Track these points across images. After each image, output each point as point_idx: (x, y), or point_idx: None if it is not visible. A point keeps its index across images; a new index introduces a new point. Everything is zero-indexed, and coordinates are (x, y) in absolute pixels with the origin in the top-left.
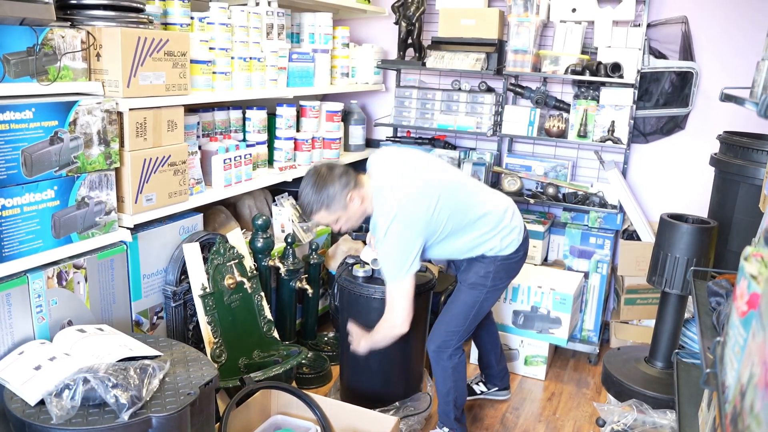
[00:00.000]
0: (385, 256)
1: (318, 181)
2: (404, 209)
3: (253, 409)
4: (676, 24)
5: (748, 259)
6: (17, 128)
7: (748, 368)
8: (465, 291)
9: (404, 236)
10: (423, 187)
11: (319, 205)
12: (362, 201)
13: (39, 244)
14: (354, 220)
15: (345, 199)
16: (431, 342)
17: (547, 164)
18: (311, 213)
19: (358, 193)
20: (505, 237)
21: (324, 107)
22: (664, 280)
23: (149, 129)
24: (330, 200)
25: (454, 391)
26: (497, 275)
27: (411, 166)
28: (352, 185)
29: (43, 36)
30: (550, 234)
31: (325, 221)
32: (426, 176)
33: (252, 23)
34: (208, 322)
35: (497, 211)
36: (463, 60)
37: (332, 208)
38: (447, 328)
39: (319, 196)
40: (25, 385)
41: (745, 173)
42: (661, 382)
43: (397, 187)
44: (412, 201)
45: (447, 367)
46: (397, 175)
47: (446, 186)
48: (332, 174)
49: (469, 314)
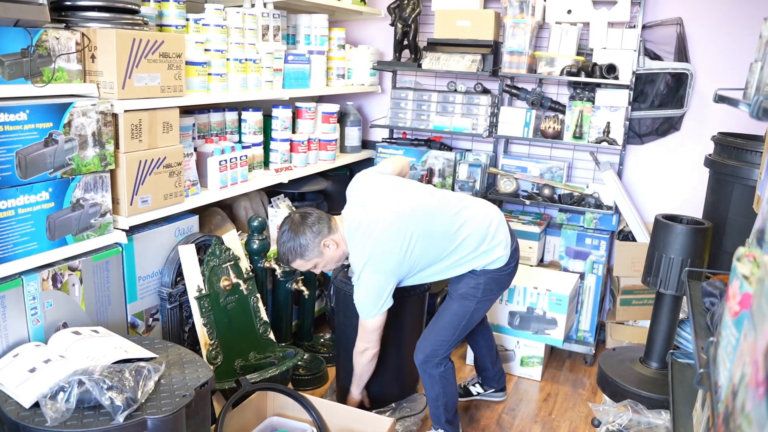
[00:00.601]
0: (359, 297)
1: (291, 230)
2: (376, 252)
3: (249, 410)
4: (671, 25)
5: (740, 259)
6: (11, 130)
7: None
8: (455, 301)
9: (376, 280)
10: (396, 224)
11: (294, 255)
12: (337, 245)
13: (34, 246)
14: (332, 263)
15: (319, 246)
16: (419, 351)
17: (542, 165)
18: (288, 262)
19: (332, 238)
20: (489, 254)
21: (320, 109)
22: (659, 281)
23: (144, 130)
24: (303, 249)
25: (442, 396)
26: (488, 287)
27: (385, 200)
28: (326, 232)
29: (37, 37)
30: (545, 235)
31: (304, 268)
32: (400, 210)
33: (247, 25)
34: (204, 324)
35: (479, 230)
36: (459, 61)
37: (307, 256)
38: (436, 338)
39: (293, 246)
40: (19, 388)
41: (739, 174)
42: (656, 383)
43: (369, 228)
44: (384, 242)
45: (434, 375)
46: (370, 212)
47: (422, 216)
48: (304, 224)
49: (459, 325)
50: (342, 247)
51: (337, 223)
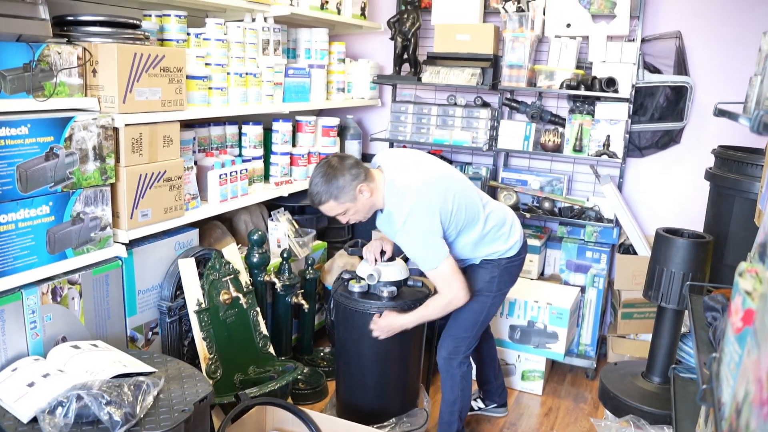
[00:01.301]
0: (414, 247)
1: (328, 172)
2: (419, 198)
3: (248, 425)
4: (670, 39)
5: (742, 274)
6: (13, 144)
7: (744, 386)
8: (472, 298)
9: (423, 222)
10: (435, 178)
11: (327, 195)
12: (372, 194)
13: (34, 259)
14: (362, 212)
15: (354, 190)
16: (441, 349)
17: (542, 178)
18: (320, 203)
19: (368, 186)
20: (508, 238)
21: (320, 122)
22: (660, 295)
23: (145, 144)
24: (339, 191)
25: (460, 401)
26: (501, 280)
27: (421, 163)
28: (362, 177)
29: (39, 52)
30: (546, 248)
31: (333, 212)
32: (438, 172)
33: (248, 39)
34: (204, 338)
35: (500, 214)
36: (459, 75)
37: (341, 199)
38: (457, 335)
39: (328, 187)
40: (17, 402)
41: (740, 187)
42: (659, 398)
43: (410, 179)
44: (426, 190)
45: (456, 375)
46: (409, 169)
47: (456, 181)
48: (343, 165)
49: (477, 321)
50: (375, 197)
51: (374, 174)
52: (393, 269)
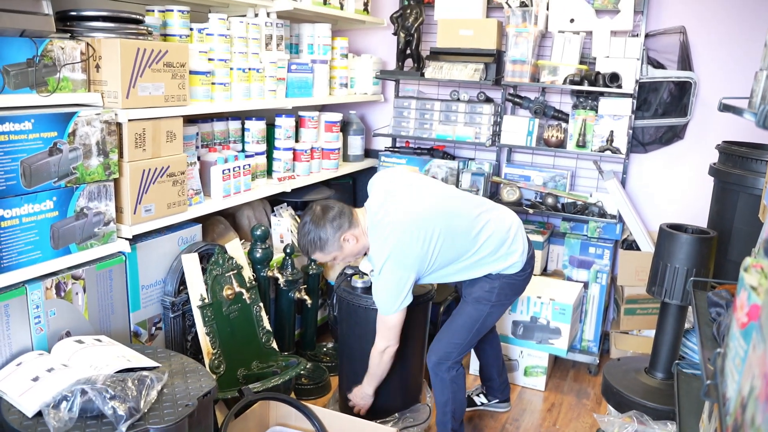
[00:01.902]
0: (379, 292)
1: (311, 226)
2: (398, 247)
3: (251, 420)
4: (674, 34)
5: (747, 270)
6: (16, 139)
7: (749, 381)
8: (469, 305)
9: (397, 275)
10: (419, 220)
11: (314, 248)
12: (357, 240)
13: (38, 254)
14: (351, 257)
15: (339, 240)
16: (432, 354)
17: (546, 174)
18: (307, 254)
19: (353, 233)
20: (506, 258)
21: (323, 118)
22: (664, 291)
23: (148, 140)
24: (323, 243)
25: (452, 403)
26: (502, 291)
27: (409, 196)
28: (346, 227)
29: (42, 47)
30: (549, 244)
31: (323, 260)
32: (424, 206)
33: (251, 34)
34: (207, 333)
35: (499, 234)
36: (462, 70)
37: (327, 250)
38: (449, 341)
39: (312, 241)
40: (22, 397)
41: (744, 183)
42: (662, 393)
43: (392, 223)
44: (406, 238)
45: (445, 379)
46: (394, 207)
47: (444, 216)
48: (326, 217)
49: (472, 328)
50: (362, 241)
51: (359, 217)
52: None
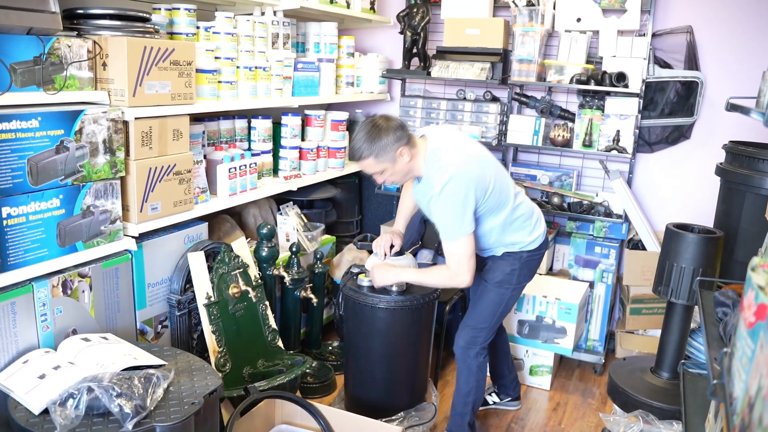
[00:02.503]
0: (443, 213)
1: (372, 130)
2: (460, 169)
3: (257, 418)
4: (681, 33)
5: (755, 269)
6: (23, 137)
7: (757, 380)
8: (492, 289)
9: (460, 193)
10: (477, 156)
11: (369, 152)
12: (411, 158)
13: (44, 252)
14: (399, 175)
15: (395, 152)
16: (459, 338)
17: (552, 174)
18: (360, 159)
19: (409, 150)
20: (533, 230)
21: (329, 116)
22: (670, 290)
23: (155, 138)
24: (380, 150)
25: (474, 392)
26: (522, 272)
27: (464, 140)
28: (405, 141)
29: (49, 45)
30: (555, 243)
31: (371, 170)
32: (477, 151)
33: (257, 33)
34: (213, 331)
35: (529, 205)
36: (468, 69)
37: (381, 158)
38: (475, 325)
39: (370, 144)
40: (29, 394)
41: (750, 183)
42: (668, 393)
43: (453, 151)
44: (467, 163)
45: (472, 366)
46: (453, 143)
47: (495, 165)
48: (388, 125)
49: (496, 312)
50: (413, 163)
51: (416, 141)
52: (402, 263)
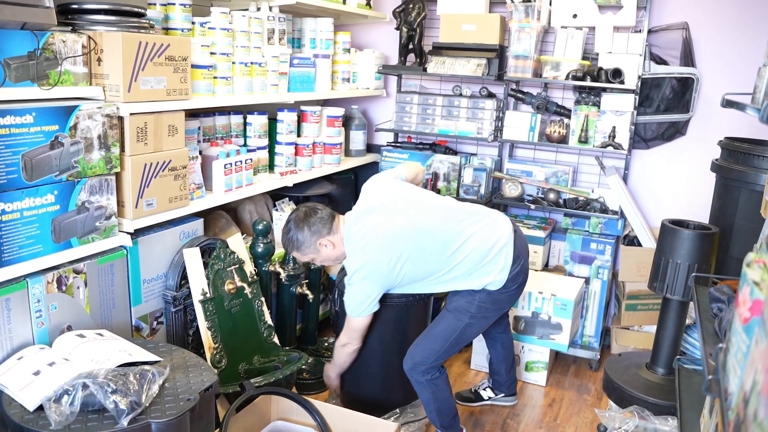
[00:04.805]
0: (348, 298)
1: (294, 227)
2: (367, 263)
3: (253, 415)
4: (677, 30)
5: (750, 265)
6: (18, 133)
7: (751, 375)
8: (450, 313)
9: (364, 286)
10: (390, 240)
11: (291, 247)
12: (334, 246)
13: (39, 248)
14: (329, 261)
15: (315, 244)
16: (408, 358)
17: (548, 170)
18: (287, 252)
19: (330, 239)
20: (482, 278)
21: (325, 112)
22: (666, 286)
23: (150, 134)
24: (300, 245)
25: (433, 401)
26: (482, 305)
27: (387, 212)
28: (324, 233)
29: (44, 40)
30: (550, 239)
31: (301, 260)
32: (398, 225)
33: (253, 28)
34: (208, 328)
35: (479, 252)
36: (464, 65)
37: (303, 251)
38: (426, 347)
39: (292, 239)
40: (23, 391)
41: (746, 179)
42: (663, 389)
43: (364, 238)
44: (375, 256)
45: (421, 381)
46: (371, 222)
47: (418, 235)
48: (307, 221)
49: (449, 337)
50: (339, 248)
51: (340, 225)
52: None
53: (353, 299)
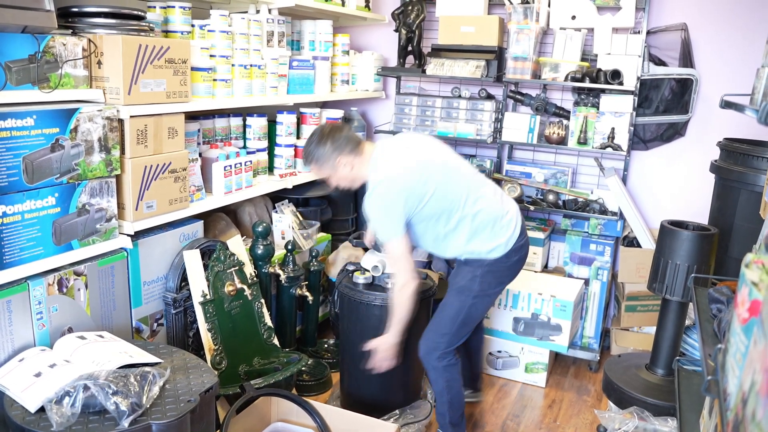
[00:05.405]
0: (372, 215)
1: (317, 139)
2: (391, 175)
3: (253, 416)
4: (676, 31)
5: (749, 266)
6: (18, 135)
7: (750, 376)
8: (452, 295)
9: (387, 198)
10: (417, 165)
11: (310, 160)
12: (352, 167)
13: (40, 251)
14: (345, 182)
15: (334, 161)
16: (421, 345)
17: (547, 171)
18: (305, 164)
19: (351, 159)
20: (492, 239)
21: (324, 114)
22: (665, 287)
23: (150, 136)
24: (320, 158)
25: (447, 393)
26: (485, 280)
27: (416, 148)
28: (346, 151)
29: (44, 43)
30: (550, 241)
31: (318, 176)
32: (426, 158)
33: (252, 31)
34: (209, 329)
35: (491, 212)
36: (463, 67)
37: (322, 166)
38: (436, 331)
39: (313, 153)
40: (25, 392)
41: (745, 180)
42: (662, 389)
43: (394, 157)
44: (402, 171)
45: (438, 367)
46: (399, 149)
47: (443, 172)
48: (331, 136)
49: (456, 319)
50: (357, 170)
51: (365, 149)
52: None
53: (378, 212)
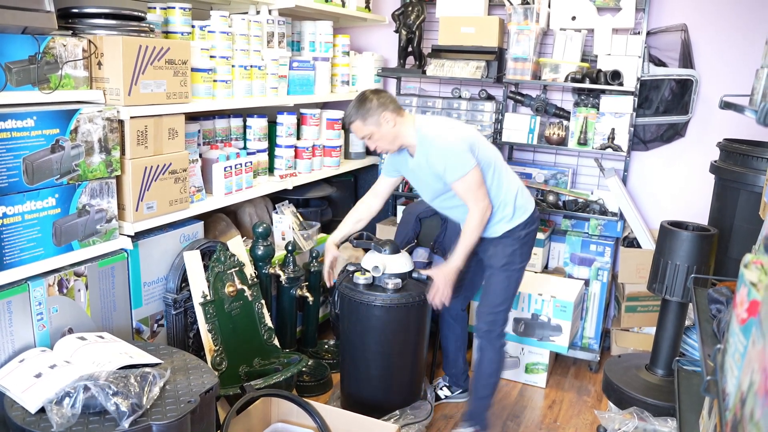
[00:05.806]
0: (442, 156)
1: (361, 97)
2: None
3: (253, 417)
4: (676, 32)
5: (748, 266)
6: (19, 136)
7: (749, 376)
8: (498, 273)
9: (453, 137)
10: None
11: (355, 116)
12: (395, 124)
13: (40, 251)
14: (386, 141)
15: (379, 116)
16: (480, 323)
17: (547, 172)
18: (349, 123)
19: (394, 117)
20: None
21: (324, 115)
22: (665, 288)
23: (150, 137)
24: (365, 113)
25: (496, 374)
26: (522, 252)
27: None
28: (390, 108)
29: (44, 44)
30: (550, 241)
31: (360, 134)
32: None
33: (253, 31)
34: (209, 330)
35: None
36: (463, 68)
37: (366, 120)
38: (492, 309)
39: (357, 109)
40: (25, 393)
41: (744, 180)
42: (662, 390)
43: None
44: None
45: (497, 347)
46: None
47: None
48: (376, 94)
49: (508, 292)
50: (399, 129)
51: (406, 114)
52: (398, 261)
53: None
